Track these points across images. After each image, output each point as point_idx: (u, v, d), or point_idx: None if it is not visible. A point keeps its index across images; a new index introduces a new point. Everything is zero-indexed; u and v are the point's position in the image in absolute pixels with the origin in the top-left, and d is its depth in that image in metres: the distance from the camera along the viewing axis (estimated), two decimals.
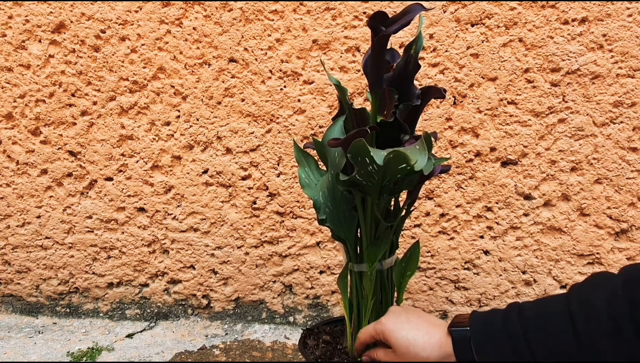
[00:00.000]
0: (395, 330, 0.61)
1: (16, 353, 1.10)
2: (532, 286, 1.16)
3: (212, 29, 1.11)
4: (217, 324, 1.22)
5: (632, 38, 1.04)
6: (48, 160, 1.20)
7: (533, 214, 1.12)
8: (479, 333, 0.57)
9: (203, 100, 1.14)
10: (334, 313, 1.21)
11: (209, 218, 1.19)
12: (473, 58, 1.08)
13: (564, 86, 1.07)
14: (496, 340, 0.55)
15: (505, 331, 0.55)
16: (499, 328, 0.56)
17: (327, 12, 1.09)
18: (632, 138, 1.07)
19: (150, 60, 1.14)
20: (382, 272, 0.72)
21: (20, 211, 1.23)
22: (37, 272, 1.26)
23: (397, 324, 0.62)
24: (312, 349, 0.77)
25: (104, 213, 1.21)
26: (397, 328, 0.61)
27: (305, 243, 1.18)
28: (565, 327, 0.52)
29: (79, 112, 1.17)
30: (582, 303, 0.52)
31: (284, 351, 1.10)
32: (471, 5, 1.06)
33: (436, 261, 1.16)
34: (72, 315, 1.27)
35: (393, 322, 0.62)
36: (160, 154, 1.17)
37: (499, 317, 0.57)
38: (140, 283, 1.24)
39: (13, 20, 1.14)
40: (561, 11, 1.05)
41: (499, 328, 0.56)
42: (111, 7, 1.12)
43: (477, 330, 0.57)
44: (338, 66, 1.11)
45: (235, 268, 1.21)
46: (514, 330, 0.54)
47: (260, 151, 1.15)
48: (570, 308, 0.52)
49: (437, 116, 1.10)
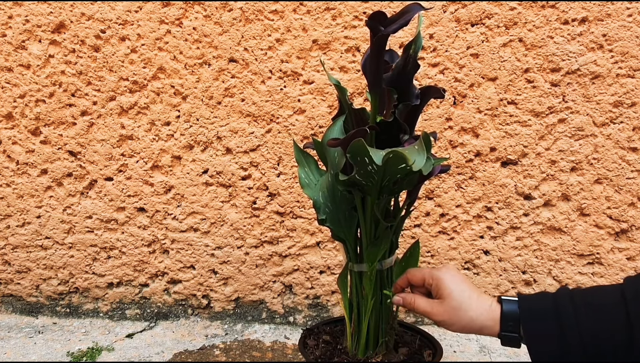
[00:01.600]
0: (454, 283, 0.61)
1: (16, 353, 1.10)
2: (532, 286, 1.16)
3: (212, 29, 1.11)
4: (217, 324, 1.22)
5: (632, 38, 1.04)
6: (48, 160, 1.20)
7: (533, 214, 1.12)
8: (529, 310, 0.56)
9: (203, 100, 1.14)
10: (334, 313, 1.21)
11: (209, 218, 1.19)
12: (473, 58, 1.08)
13: (564, 86, 1.07)
14: (546, 318, 0.55)
15: (555, 312, 0.55)
16: (550, 308, 0.55)
17: (327, 12, 1.09)
18: (632, 138, 1.07)
19: (150, 60, 1.14)
20: (382, 272, 0.72)
21: (20, 211, 1.23)
22: (37, 272, 1.26)
23: (455, 278, 0.62)
24: (312, 349, 0.77)
25: (104, 213, 1.21)
26: (456, 282, 0.61)
27: (305, 243, 1.18)
28: (619, 317, 0.51)
29: (79, 112, 1.17)
30: (638, 295, 0.52)
31: (284, 351, 1.10)
32: (471, 5, 1.06)
33: (436, 261, 1.16)
34: (72, 315, 1.27)
35: (451, 276, 0.62)
36: (160, 154, 1.17)
37: (549, 299, 0.57)
38: (140, 283, 1.24)
39: (13, 20, 1.14)
40: (561, 11, 1.05)
41: (549, 308, 0.55)
42: (111, 7, 1.12)
43: (527, 307, 0.57)
44: (338, 66, 1.11)
45: (235, 268, 1.21)
46: (564, 313, 0.54)
47: (260, 151, 1.15)
48: (625, 298, 0.52)
49: (437, 116, 1.10)
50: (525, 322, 0.56)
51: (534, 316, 0.56)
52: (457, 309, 0.59)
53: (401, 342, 0.79)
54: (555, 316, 0.54)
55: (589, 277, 1.14)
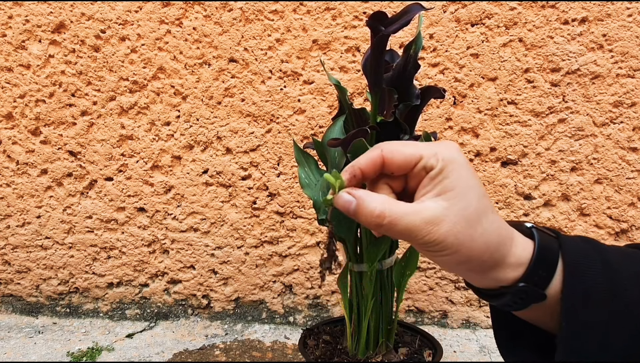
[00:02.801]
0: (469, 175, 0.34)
1: (16, 353, 1.10)
2: None
3: (212, 29, 1.11)
4: (217, 324, 1.22)
5: (632, 38, 1.04)
6: (48, 160, 1.20)
7: (533, 215, 1.12)
8: (573, 249, 0.36)
9: (203, 100, 1.14)
10: (334, 313, 1.21)
11: (209, 218, 1.19)
12: (473, 58, 1.08)
13: (564, 86, 1.07)
14: (590, 261, 0.35)
15: (599, 255, 0.36)
16: (592, 250, 0.36)
17: (327, 12, 1.09)
18: (632, 138, 1.07)
19: (150, 60, 1.14)
20: (382, 272, 0.72)
21: (20, 211, 1.23)
22: (37, 272, 1.26)
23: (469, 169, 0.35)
24: (312, 349, 0.77)
25: (104, 213, 1.21)
26: (471, 174, 0.34)
27: (305, 243, 1.18)
28: None
29: (79, 112, 1.17)
30: None
31: (284, 351, 1.10)
32: (471, 5, 1.06)
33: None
34: (72, 315, 1.27)
35: (464, 161, 0.35)
36: (160, 154, 1.17)
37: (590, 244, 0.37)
38: (140, 283, 1.24)
39: (13, 20, 1.14)
40: (561, 11, 1.05)
41: (592, 250, 0.36)
42: (111, 7, 1.12)
43: (570, 245, 0.36)
44: (338, 66, 1.11)
45: (235, 268, 1.21)
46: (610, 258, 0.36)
47: (260, 151, 1.15)
48: None
49: (437, 116, 1.10)
50: (570, 260, 0.35)
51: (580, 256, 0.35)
52: (472, 221, 0.33)
53: (401, 342, 0.79)
54: (600, 259, 0.35)
55: None
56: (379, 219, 0.33)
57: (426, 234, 0.32)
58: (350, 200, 0.34)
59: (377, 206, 0.33)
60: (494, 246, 0.34)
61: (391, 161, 0.35)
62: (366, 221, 0.34)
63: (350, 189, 0.35)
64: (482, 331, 1.17)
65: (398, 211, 0.33)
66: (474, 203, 0.33)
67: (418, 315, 1.19)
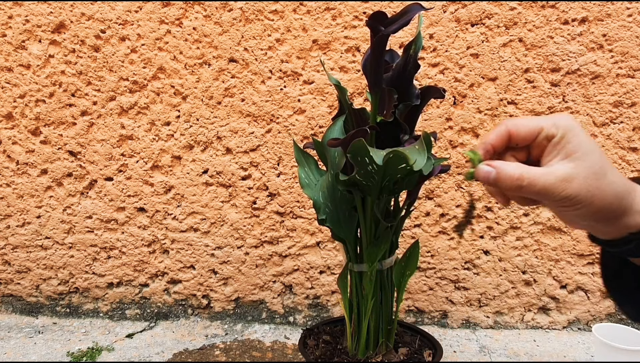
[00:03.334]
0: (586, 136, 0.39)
1: (16, 353, 1.10)
2: (532, 286, 1.16)
3: (212, 29, 1.11)
4: (217, 324, 1.22)
5: (632, 38, 1.04)
6: (48, 160, 1.20)
7: (533, 215, 1.12)
8: None
9: (203, 100, 1.14)
10: (334, 313, 1.21)
11: (209, 218, 1.19)
12: (473, 58, 1.08)
13: (564, 86, 1.07)
14: None
15: None
16: None
17: (327, 12, 1.09)
18: (632, 138, 1.07)
19: (150, 60, 1.14)
20: (382, 272, 0.72)
21: (20, 211, 1.23)
22: (37, 272, 1.26)
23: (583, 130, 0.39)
24: (312, 349, 0.77)
25: (104, 213, 1.21)
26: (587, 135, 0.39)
27: (305, 243, 1.18)
28: None
29: (79, 112, 1.17)
30: None
31: (284, 351, 1.10)
32: (471, 5, 1.06)
33: (436, 261, 1.16)
34: (72, 315, 1.27)
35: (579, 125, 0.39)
36: (160, 154, 1.17)
37: None
38: (140, 283, 1.24)
39: (13, 20, 1.14)
40: (561, 11, 1.05)
41: None
42: (111, 7, 1.12)
43: None
44: (338, 66, 1.11)
45: (235, 268, 1.21)
46: None
47: (260, 151, 1.15)
48: None
49: (437, 116, 1.10)
50: None
51: None
52: (600, 174, 0.37)
53: (401, 342, 0.79)
54: None
55: (589, 277, 1.14)
56: (519, 181, 0.38)
57: (562, 190, 0.37)
58: (490, 170, 0.39)
59: (515, 171, 0.38)
60: (622, 194, 0.38)
61: (517, 133, 0.40)
62: (507, 185, 0.38)
63: (488, 161, 0.40)
64: (482, 331, 1.17)
65: (535, 172, 0.37)
66: (598, 160, 0.37)
67: (418, 315, 1.19)
